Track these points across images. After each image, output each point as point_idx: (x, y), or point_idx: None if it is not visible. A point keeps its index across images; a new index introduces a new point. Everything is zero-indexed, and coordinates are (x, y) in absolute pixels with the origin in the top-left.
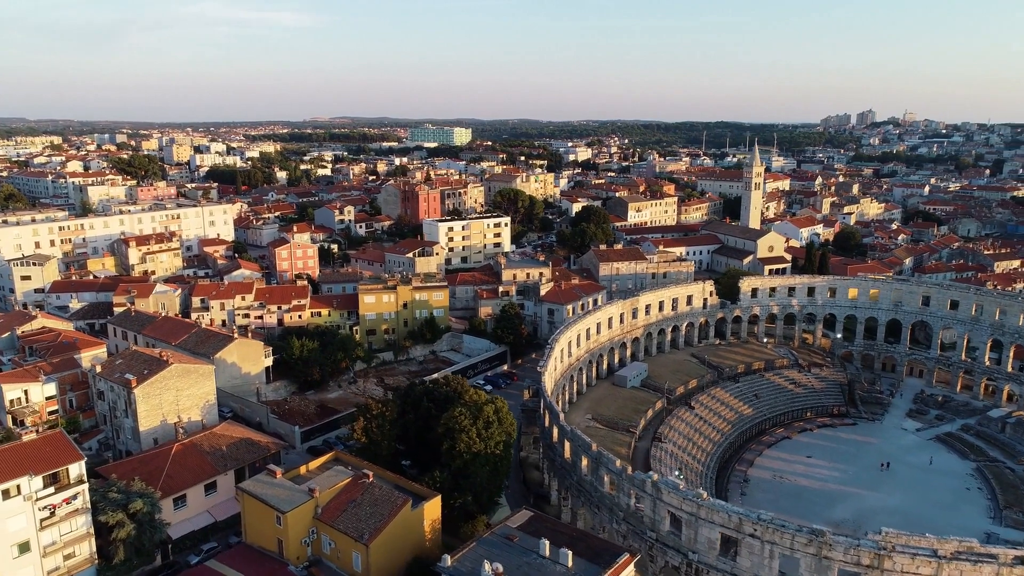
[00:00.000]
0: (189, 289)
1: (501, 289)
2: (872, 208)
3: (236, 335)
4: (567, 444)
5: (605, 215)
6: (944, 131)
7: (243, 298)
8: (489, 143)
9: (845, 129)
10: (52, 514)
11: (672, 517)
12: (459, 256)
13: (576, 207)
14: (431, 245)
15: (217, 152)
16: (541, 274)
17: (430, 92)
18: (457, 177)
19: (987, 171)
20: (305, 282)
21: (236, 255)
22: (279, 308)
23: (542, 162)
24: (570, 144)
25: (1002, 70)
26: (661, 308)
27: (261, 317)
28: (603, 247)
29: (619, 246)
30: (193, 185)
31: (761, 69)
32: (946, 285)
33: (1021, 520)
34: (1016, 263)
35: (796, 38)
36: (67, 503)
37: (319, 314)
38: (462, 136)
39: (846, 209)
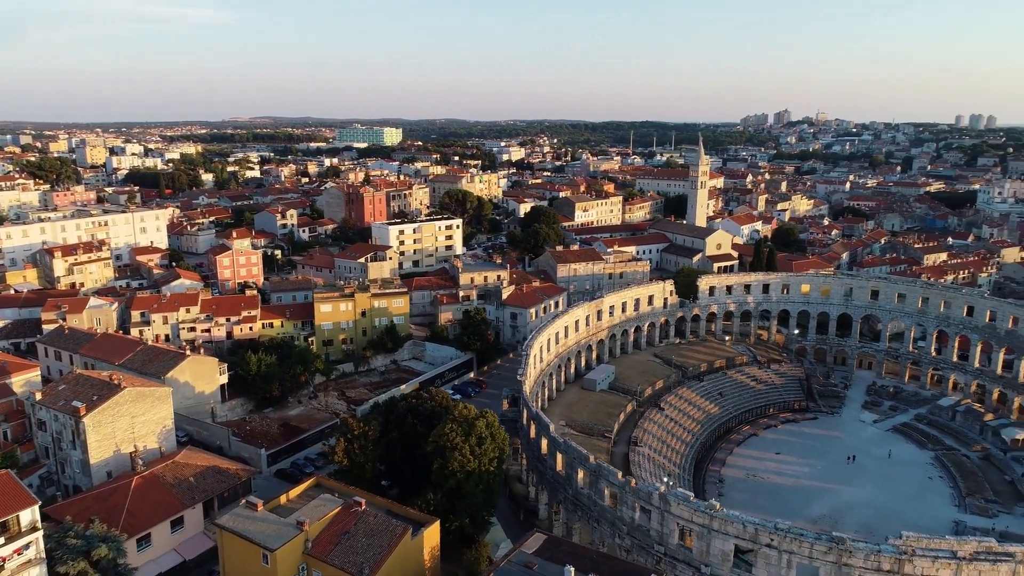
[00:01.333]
0: (126, 302)
1: (461, 294)
2: (802, 205)
3: (189, 352)
4: (559, 456)
5: (555, 215)
6: (854, 130)
7: (188, 310)
8: (419, 143)
9: (763, 128)
10: (1, 568)
11: (681, 530)
12: (410, 260)
13: (524, 207)
14: (383, 249)
15: (134, 154)
16: (499, 277)
17: (353, 92)
18: (395, 178)
19: (898, 168)
20: (254, 291)
21: (173, 264)
22: (228, 320)
23: (476, 162)
24: (503, 144)
25: (904, 73)
26: (624, 309)
27: (209, 330)
28: (559, 248)
29: (575, 247)
30: (112, 189)
31: (682, 70)
32: (893, 279)
33: (984, 507)
34: (943, 255)
35: (714, 40)
36: (18, 554)
37: (271, 325)
38: (392, 136)
39: (780, 206)
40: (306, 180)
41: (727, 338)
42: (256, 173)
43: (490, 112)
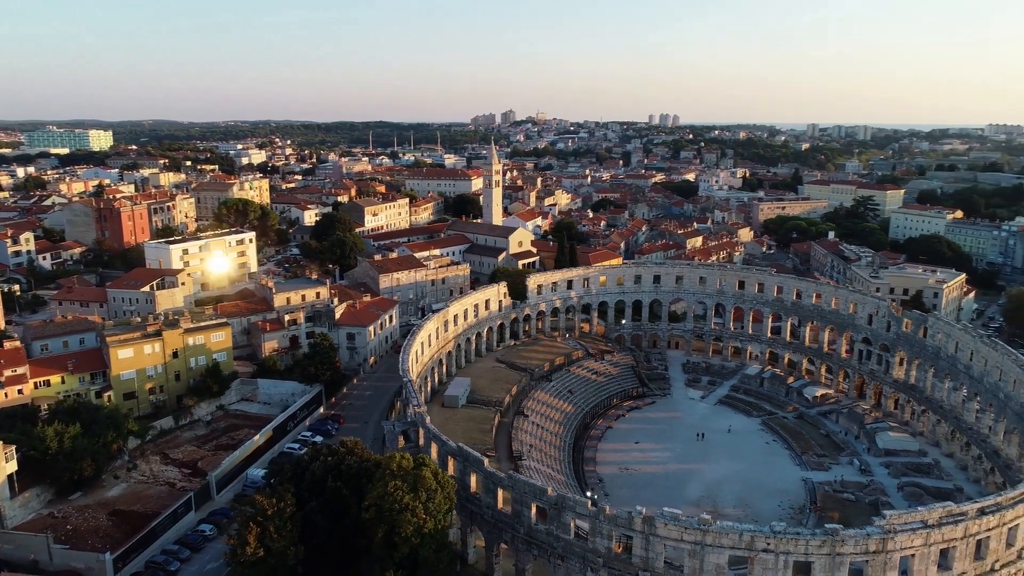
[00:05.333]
0: None
1: (287, 317)
2: (563, 199)
3: None
4: (501, 493)
5: (350, 222)
6: (572, 128)
7: None
8: (134, 147)
9: (493, 127)
10: None
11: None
12: (198, 282)
13: (308, 215)
14: (170, 273)
15: None
16: (319, 294)
17: (31, 89)
18: (132, 189)
19: (620, 162)
20: (16, 341)
21: None
22: None
23: (212, 166)
24: (240, 146)
25: (605, 76)
26: (466, 316)
27: None
28: (377, 257)
29: (394, 255)
30: None
31: (409, 71)
32: (695, 264)
33: (818, 461)
34: (699, 239)
35: (436, 40)
36: None
37: (47, 383)
38: (101, 140)
39: (547, 201)
40: (3, 195)
41: (555, 334)
42: None
43: (206, 113)
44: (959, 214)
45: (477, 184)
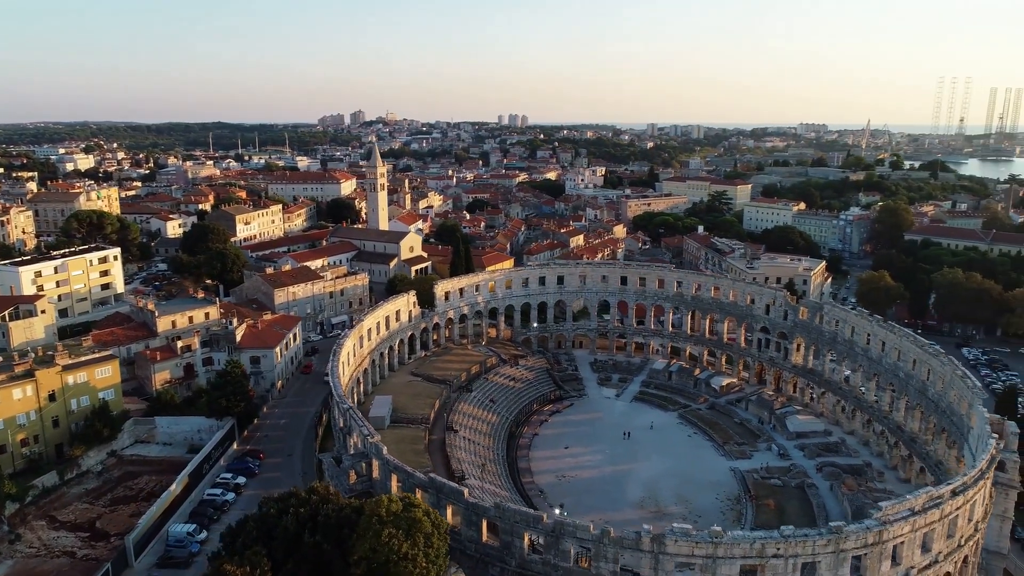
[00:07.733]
0: None
1: (180, 344)
2: (435, 200)
3: None
4: (485, 524)
5: (225, 232)
6: (424, 129)
7: None
8: None
9: (343, 128)
10: None
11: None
12: (55, 309)
13: (171, 226)
14: (27, 300)
15: None
16: (208, 314)
17: None
18: None
19: (480, 162)
20: None
21: None
22: None
23: (31, 173)
24: (62, 151)
25: (456, 75)
26: (379, 330)
27: None
28: (269, 271)
29: (288, 267)
30: None
31: (243, 68)
32: (597, 263)
33: (740, 450)
34: (581, 237)
35: (274, 37)
36: None
37: None
38: None
39: (422, 204)
40: None
41: (465, 342)
42: None
43: (8, 113)
44: (802, 206)
45: (347, 188)
